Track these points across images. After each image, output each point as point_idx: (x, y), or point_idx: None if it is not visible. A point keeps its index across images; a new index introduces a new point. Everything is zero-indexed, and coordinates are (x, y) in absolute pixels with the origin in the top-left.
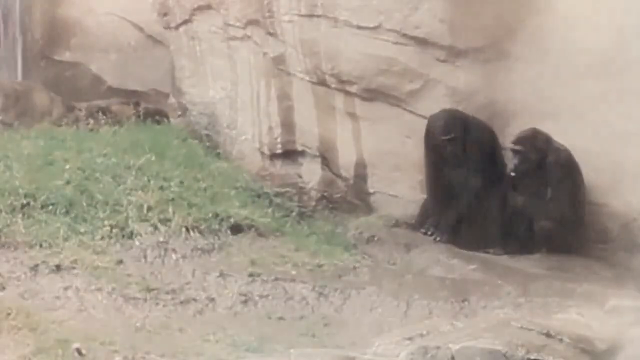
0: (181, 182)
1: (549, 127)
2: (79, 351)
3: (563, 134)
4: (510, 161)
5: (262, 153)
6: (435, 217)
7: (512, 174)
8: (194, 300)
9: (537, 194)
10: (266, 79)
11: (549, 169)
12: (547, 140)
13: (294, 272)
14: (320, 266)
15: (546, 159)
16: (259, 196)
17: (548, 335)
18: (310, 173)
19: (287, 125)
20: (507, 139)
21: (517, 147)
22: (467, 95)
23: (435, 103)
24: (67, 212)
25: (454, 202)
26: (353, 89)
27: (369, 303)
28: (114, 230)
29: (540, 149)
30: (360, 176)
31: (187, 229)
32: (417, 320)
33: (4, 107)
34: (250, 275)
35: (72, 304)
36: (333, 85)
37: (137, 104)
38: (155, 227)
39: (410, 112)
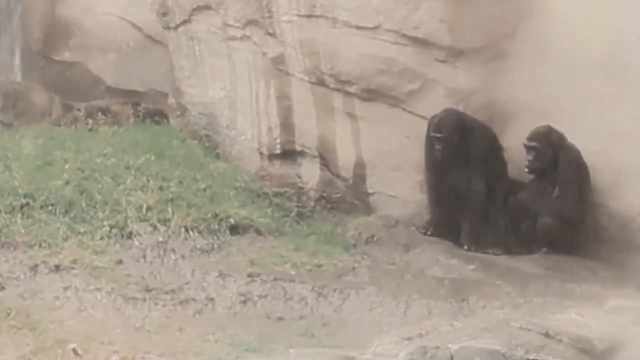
0: (180, 182)
1: None
2: (75, 351)
3: None
4: (525, 158)
5: (261, 153)
6: (433, 217)
7: (527, 170)
8: (194, 300)
9: (544, 191)
10: (265, 79)
11: (560, 167)
12: (561, 137)
13: (293, 272)
14: (319, 266)
15: (558, 156)
16: (258, 196)
17: (547, 335)
18: (310, 173)
19: (286, 126)
20: (507, 139)
21: (532, 144)
22: (466, 95)
23: (434, 103)
24: (66, 212)
25: (468, 211)
26: (352, 89)
27: (368, 303)
28: (114, 230)
29: (554, 145)
30: (360, 176)
31: (187, 229)
32: (416, 320)
33: (4, 107)
34: (250, 275)
35: (71, 303)
36: (332, 86)
37: (136, 104)
38: (155, 227)
39: (410, 112)
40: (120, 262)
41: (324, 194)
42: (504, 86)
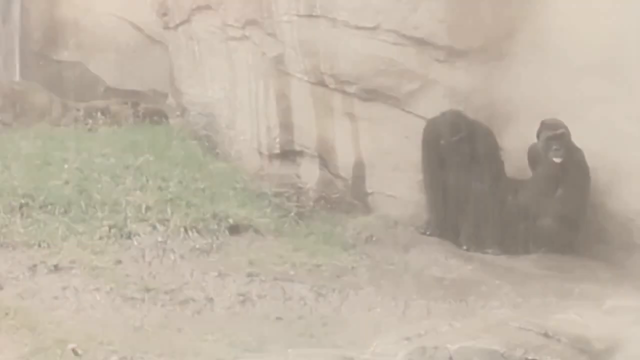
0: (180, 182)
1: None
2: (75, 351)
3: None
4: (551, 150)
5: (261, 153)
6: (432, 217)
7: (559, 160)
8: (193, 300)
9: (545, 191)
10: (265, 79)
11: (564, 167)
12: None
13: (292, 272)
14: (318, 266)
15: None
16: (257, 196)
17: (546, 335)
18: (309, 173)
19: (286, 126)
20: (506, 139)
21: (561, 131)
22: (466, 95)
23: (434, 104)
24: (65, 212)
25: (470, 208)
26: (352, 89)
27: (367, 303)
28: (113, 230)
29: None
30: (359, 176)
31: (186, 229)
32: (416, 320)
33: (3, 107)
34: (249, 275)
35: (70, 304)
36: (332, 86)
37: (135, 104)
38: (154, 227)
39: (409, 112)
40: (119, 262)
41: (323, 194)
42: (504, 86)
